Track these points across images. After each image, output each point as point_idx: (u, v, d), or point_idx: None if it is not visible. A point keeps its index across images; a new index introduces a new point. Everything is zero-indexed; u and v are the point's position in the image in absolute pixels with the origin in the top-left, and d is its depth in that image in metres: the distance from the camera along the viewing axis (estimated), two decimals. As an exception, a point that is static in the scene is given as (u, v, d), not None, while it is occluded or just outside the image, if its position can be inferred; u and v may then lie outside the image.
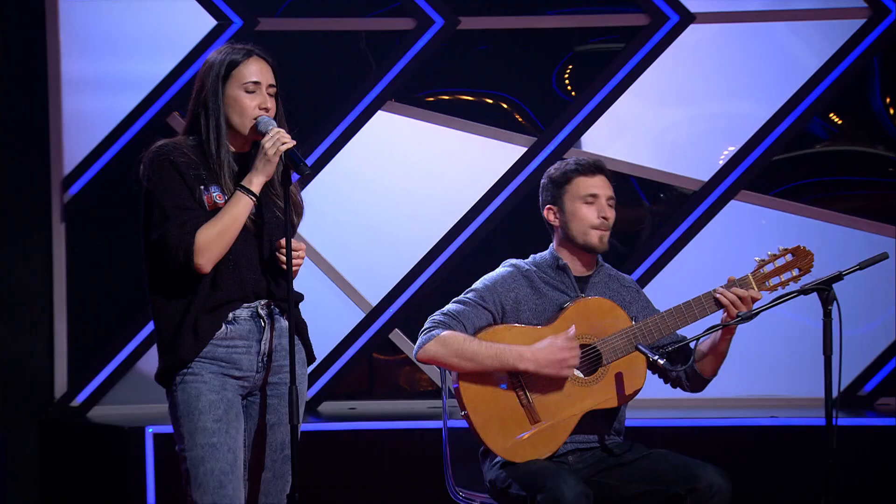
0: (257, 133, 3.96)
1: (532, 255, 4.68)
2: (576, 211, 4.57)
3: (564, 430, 4.45)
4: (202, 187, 3.92)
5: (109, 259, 7.33)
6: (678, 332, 4.56)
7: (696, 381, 4.58)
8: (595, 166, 4.64)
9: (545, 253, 4.66)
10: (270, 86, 4.02)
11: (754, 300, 4.44)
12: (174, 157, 3.91)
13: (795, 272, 4.50)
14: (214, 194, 3.93)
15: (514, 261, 4.67)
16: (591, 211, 4.57)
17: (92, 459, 6.93)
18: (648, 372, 4.57)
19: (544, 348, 4.39)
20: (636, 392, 4.51)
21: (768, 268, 4.50)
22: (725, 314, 4.45)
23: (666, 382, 4.63)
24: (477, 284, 4.59)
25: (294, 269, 3.98)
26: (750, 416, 6.70)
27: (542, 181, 4.67)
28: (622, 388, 4.48)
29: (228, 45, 4.04)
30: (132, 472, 6.60)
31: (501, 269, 4.64)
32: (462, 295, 4.57)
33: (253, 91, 3.98)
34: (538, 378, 4.42)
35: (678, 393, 4.68)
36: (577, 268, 4.62)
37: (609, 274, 4.68)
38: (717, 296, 4.45)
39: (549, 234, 4.70)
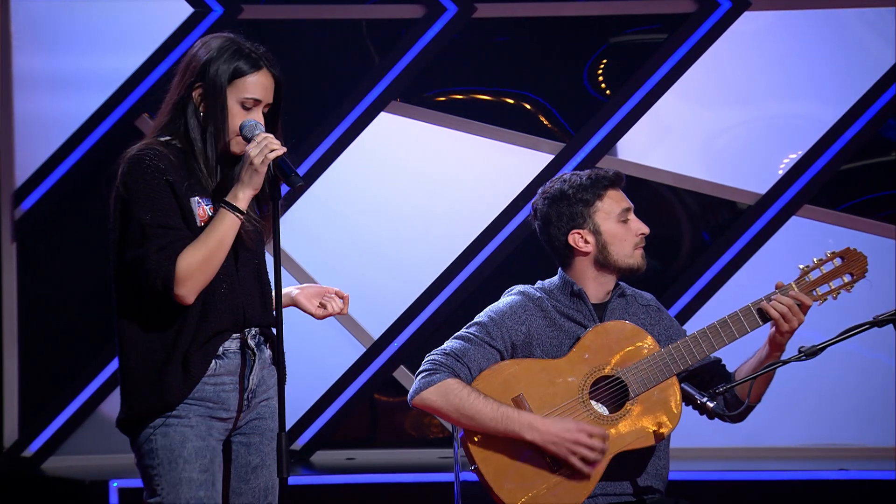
0: (241, 138, 3.95)
1: (539, 282, 4.67)
2: (616, 231, 4.56)
3: (592, 478, 4.45)
4: (196, 198, 3.90)
5: (68, 285, 7.34)
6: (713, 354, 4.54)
7: (741, 412, 4.57)
8: (619, 175, 4.62)
9: (554, 279, 4.65)
10: (267, 104, 3.99)
11: (806, 307, 4.43)
12: (164, 166, 3.86)
13: (847, 278, 4.46)
14: (208, 207, 3.91)
15: (521, 287, 4.65)
16: (630, 228, 4.58)
17: (47, 518, 6.97)
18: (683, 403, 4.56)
19: (557, 424, 4.38)
20: (672, 427, 4.49)
21: (814, 274, 4.47)
22: (774, 329, 4.43)
23: (702, 414, 4.61)
24: (481, 317, 4.57)
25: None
26: (814, 469, 6.70)
27: (546, 203, 4.60)
28: (656, 424, 4.48)
29: (233, 41, 3.98)
30: (94, 532, 6.64)
31: (508, 299, 4.62)
32: (464, 329, 4.56)
33: (249, 108, 3.96)
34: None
35: (729, 442, 4.68)
36: (594, 293, 4.61)
37: (625, 294, 4.65)
38: (766, 306, 4.41)
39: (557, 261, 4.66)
